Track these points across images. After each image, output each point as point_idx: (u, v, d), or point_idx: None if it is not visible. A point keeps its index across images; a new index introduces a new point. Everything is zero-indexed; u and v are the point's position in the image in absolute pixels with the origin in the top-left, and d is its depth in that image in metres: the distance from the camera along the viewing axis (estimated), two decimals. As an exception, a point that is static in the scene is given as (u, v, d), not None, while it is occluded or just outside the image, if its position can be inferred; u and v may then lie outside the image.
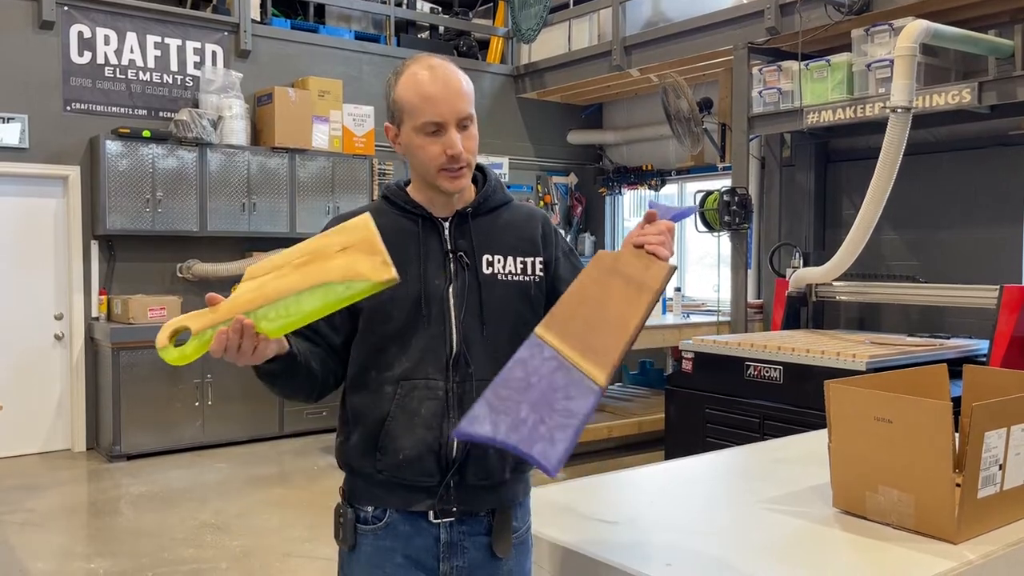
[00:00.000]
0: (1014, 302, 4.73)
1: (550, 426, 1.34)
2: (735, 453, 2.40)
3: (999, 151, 5.68)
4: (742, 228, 6.08)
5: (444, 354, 1.56)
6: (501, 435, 1.36)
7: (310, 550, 4.31)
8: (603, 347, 1.38)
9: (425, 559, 1.58)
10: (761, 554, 1.54)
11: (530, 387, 1.38)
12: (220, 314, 1.38)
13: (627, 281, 1.42)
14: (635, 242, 1.46)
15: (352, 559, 1.63)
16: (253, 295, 1.39)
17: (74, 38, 6.35)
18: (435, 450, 1.54)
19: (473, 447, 1.54)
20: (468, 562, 1.59)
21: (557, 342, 1.41)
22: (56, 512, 4.98)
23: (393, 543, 1.59)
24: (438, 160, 1.54)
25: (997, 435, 1.57)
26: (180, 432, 6.31)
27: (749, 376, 4.72)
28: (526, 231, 1.67)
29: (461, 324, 1.57)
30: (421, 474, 1.54)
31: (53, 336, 6.42)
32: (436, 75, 1.55)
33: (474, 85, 1.66)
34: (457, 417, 1.52)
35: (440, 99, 1.53)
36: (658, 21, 7.42)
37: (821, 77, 5.59)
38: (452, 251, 1.60)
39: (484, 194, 1.66)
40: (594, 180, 9.04)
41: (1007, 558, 1.54)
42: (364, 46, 7.74)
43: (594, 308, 1.42)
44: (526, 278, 1.63)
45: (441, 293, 1.58)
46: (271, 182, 6.86)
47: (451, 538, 1.58)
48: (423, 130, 1.54)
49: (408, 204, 1.63)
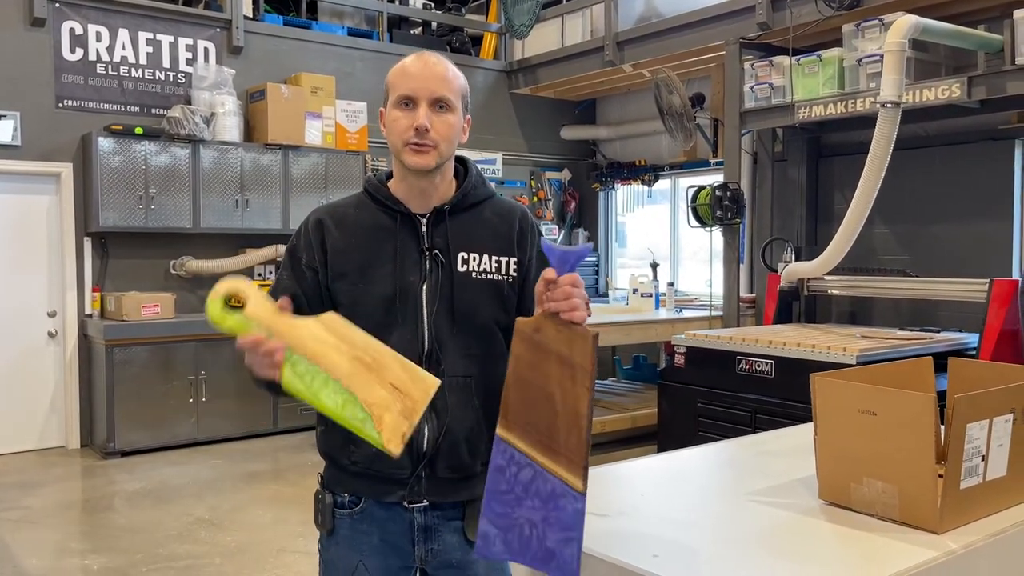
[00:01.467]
0: (1004, 296, 4.76)
1: (555, 541, 1.38)
2: (725, 446, 2.42)
3: (989, 145, 5.71)
4: (734, 223, 6.10)
5: (416, 351, 1.58)
6: (517, 554, 1.41)
7: (304, 545, 4.32)
8: (567, 448, 1.37)
9: (401, 543, 1.64)
10: (747, 545, 1.56)
11: (519, 500, 1.41)
12: (273, 324, 1.37)
13: (560, 362, 1.38)
14: (549, 309, 1.38)
15: (331, 542, 1.68)
16: (308, 343, 1.38)
17: (66, 35, 6.34)
18: (407, 443, 1.55)
19: (444, 441, 1.59)
20: (443, 546, 1.64)
21: (523, 444, 1.41)
22: (51, 509, 4.99)
23: (369, 527, 1.64)
24: (406, 134, 1.58)
25: (979, 426, 1.59)
26: (174, 429, 6.32)
27: (741, 370, 4.75)
28: (503, 229, 1.68)
29: (433, 322, 1.60)
30: (393, 466, 1.58)
31: (47, 333, 6.42)
32: (422, 59, 1.61)
33: (468, 81, 1.69)
34: (428, 411, 1.52)
35: (416, 76, 1.59)
36: (650, 16, 7.43)
37: (812, 72, 5.60)
38: (428, 248, 1.62)
39: (463, 190, 1.68)
40: (587, 175, 9.05)
41: (989, 548, 1.56)
42: (357, 42, 7.74)
43: (541, 398, 1.39)
44: (500, 277, 1.65)
45: (414, 290, 1.60)
46: (264, 179, 6.86)
47: (425, 523, 1.63)
48: (397, 104, 1.59)
49: (388, 199, 1.65)
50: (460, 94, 1.63)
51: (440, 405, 1.57)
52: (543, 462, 1.40)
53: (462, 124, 1.65)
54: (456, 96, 1.61)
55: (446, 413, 1.59)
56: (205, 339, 6.39)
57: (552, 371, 1.39)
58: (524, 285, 1.67)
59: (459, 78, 1.64)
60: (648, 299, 6.74)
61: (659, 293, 6.87)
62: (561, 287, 1.37)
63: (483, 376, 1.61)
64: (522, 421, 1.42)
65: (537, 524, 1.40)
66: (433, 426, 1.59)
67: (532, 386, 1.41)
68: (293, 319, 1.40)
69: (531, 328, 1.41)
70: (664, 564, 1.45)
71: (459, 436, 1.59)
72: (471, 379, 1.61)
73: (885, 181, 4.85)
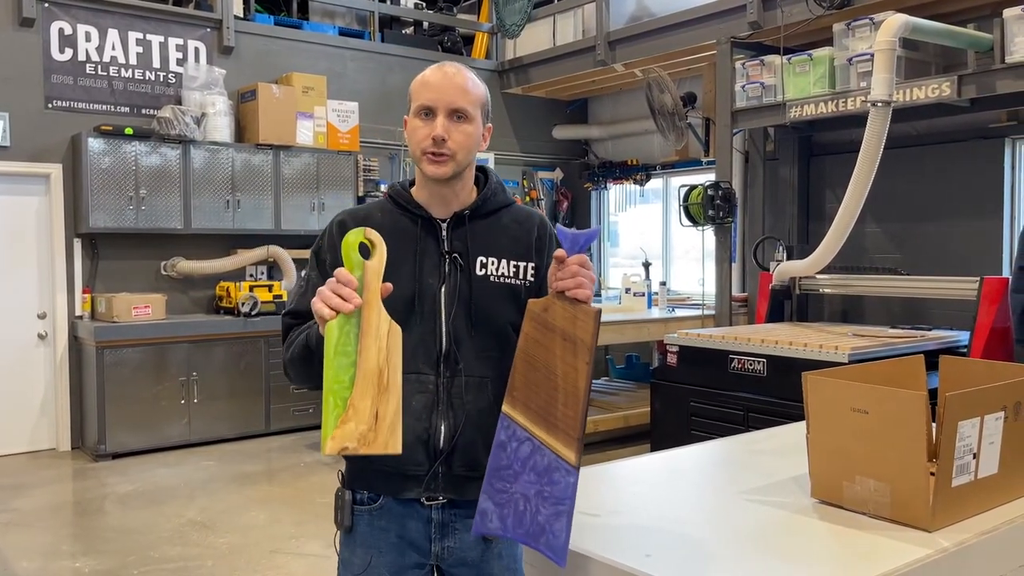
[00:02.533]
0: (994, 293, 4.78)
1: (546, 516, 1.41)
2: (718, 445, 2.42)
3: (979, 144, 5.73)
4: (726, 222, 6.11)
5: (435, 350, 1.64)
6: (510, 530, 1.45)
7: (296, 547, 4.31)
8: (564, 421, 1.42)
9: (418, 539, 1.67)
10: (740, 543, 1.56)
11: (517, 475, 1.45)
12: (370, 286, 1.44)
13: (564, 338, 1.45)
14: (556, 288, 1.47)
15: (349, 539, 1.70)
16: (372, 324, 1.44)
17: (55, 35, 6.31)
18: (424, 440, 1.62)
19: (460, 438, 1.62)
20: (460, 543, 1.67)
21: (523, 419, 1.47)
22: (41, 511, 4.96)
23: (387, 523, 1.67)
24: (424, 143, 1.62)
25: (971, 424, 1.60)
26: (166, 430, 6.30)
27: (733, 369, 4.76)
28: (522, 235, 1.73)
29: (451, 323, 1.64)
30: (410, 463, 1.62)
31: (37, 335, 6.39)
32: (443, 70, 1.66)
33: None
34: (446, 410, 1.62)
35: (436, 86, 1.63)
36: (642, 16, 7.44)
37: (803, 71, 5.62)
38: (448, 252, 1.67)
39: (483, 196, 1.72)
40: (580, 175, 9.06)
41: (981, 546, 1.56)
42: (348, 42, 7.72)
43: (545, 374, 1.46)
44: (517, 281, 1.69)
45: (433, 292, 1.65)
46: (255, 179, 6.84)
47: (443, 519, 1.66)
48: (417, 113, 1.64)
49: (410, 204, 1.70)
50: (479, 104, 1.66)
51: (457, 404, 1.63)
52: (541, 436, 1.45)
53: (481, 133, 1.69)
54: (475, 106, 1.65)
55: (463, 411, 1.63)
56: (197, 340, 6.37)
57: (556, 347, 1.45)
58: (540, 291, 1.69)
59: (478, 88, 1.67)
60: (641, 298, 6.75)
61: (652, 292, 6.88)
62: (569, 267, 1.45)
63: (499, 378, 1.63)
64: (524, 397, 1.48)
65: (531, 499, 1.43)
66: (450, 424, 1.62)
67: (537, 362, 1.47)
68: (380, 300, 1.46)
69: (540, 308, 1.49)
70: (657, 563, 1.45)
71: (475, 434, 1.62)
72: (487, 380, 1.65)
73: (876, 180, 4.86)
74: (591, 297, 1.45)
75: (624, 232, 9.06)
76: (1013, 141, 5.67)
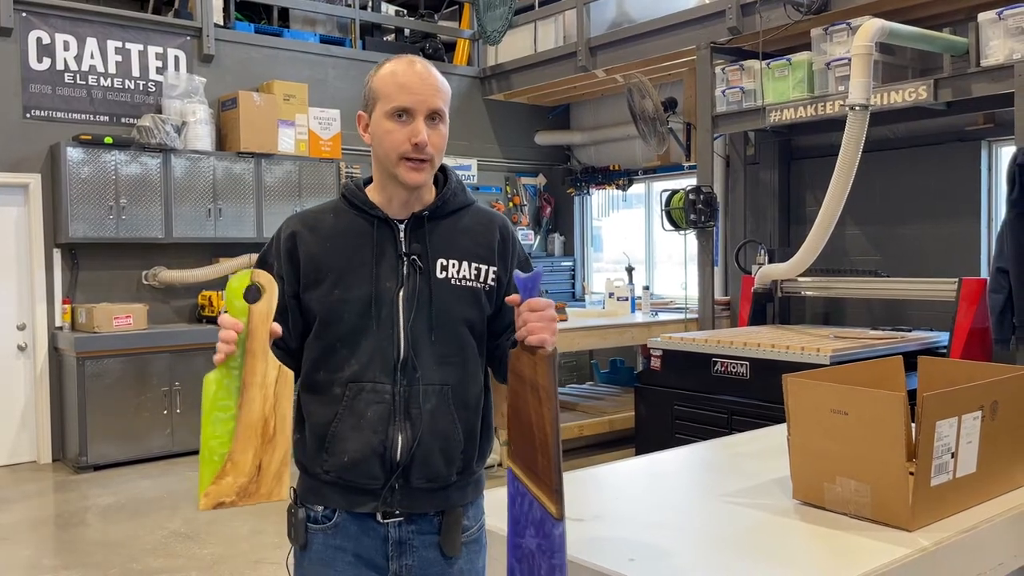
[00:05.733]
0: (972, 294, 4.83)
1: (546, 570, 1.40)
2: (701, 448, 2.43)
3: (956, 146, 5.80)
4: (708, 226, 6.15)
5: (392, 358, 1.56)
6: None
7: (281, 556, 4.28)
8: (543, 471, 1.40)
9: (375, 558, 1.60)
10: (722, 545, 1.57)
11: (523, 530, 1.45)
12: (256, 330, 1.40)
13: (530, 387, 1.43)
14: (517, 338, 1.45)
15: (304, 558, 1.64)
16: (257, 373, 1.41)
17: (33, 44, 6.26)
18: (379, 453, 1.55)
19: (418, 450, 1.55)
20: (418, 561, 1.60)
21: (520, 472, 1.48)
22: (22, 525, 4.91)
23: (343, 542, 1.60)
24: (402, 147, 1.55)
25: (948, 424, 1.61)
26: (149, 441, 6.24)
27: (717, 372, 4.78)
28: (484, 237, 1.66)
29: (410, 328, 1.57)
30: (366, 476, 1.56)
31: (16, 347, 6.32)
32: (415, 68, 1.58)
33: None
34: (402, 421, 1.55)
35: (414, 87, 1.56)
36: (622, 22, 7.47)
37: (782, 76, 5.66)
38: (406, 254, 1.60)
39: (443, 197, 1.66)
40: (562, 180, 9.08)
41: (960, 544, 1.58)
42: (329, 49, 7.70)
43: (527, 425, 1.44)
44: (478, 285, 1.63)
45: (391, 296, 1.58)
46: (237, 187, 6.80)
47: (400, 537, 1.59)
48: (392, 115, 1.56)
49: (365, 205, 1.63)
50: (448, 102, 1.62)
51: (415, 414, 1.55)
52: (531, 488, 1.44)
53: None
54: (447, 105, 1.61)
55: (420, 422, 1.56)
56: (179, 350, 6.32)
57: (529, 397, 1.43)
58: (500, 297, 1.65)
59: (447, 85, 1.63)
60: (624, 303, 6.76)
61: (635, 296, 6.90)
62: (521, 315, 1.43)
63: (460, 385, 1.59)
64: (519, 449, 1.47)
65: (535, 553, 1.42)
66: (407, 436, 1.55)
67: (520, 413, 1.46)
68: (268, 346, 1.41)
69: (514, 358, 1.48)
70: (641, 567, 1.45)
71: (434, 445, 1.56)
72: (448, 387, 1.58)
73: (855, 183, 4.91)
74: (547, 340, 1.41)
75: (607, 237, 9.09)
76: (990, 143, 5.73)
